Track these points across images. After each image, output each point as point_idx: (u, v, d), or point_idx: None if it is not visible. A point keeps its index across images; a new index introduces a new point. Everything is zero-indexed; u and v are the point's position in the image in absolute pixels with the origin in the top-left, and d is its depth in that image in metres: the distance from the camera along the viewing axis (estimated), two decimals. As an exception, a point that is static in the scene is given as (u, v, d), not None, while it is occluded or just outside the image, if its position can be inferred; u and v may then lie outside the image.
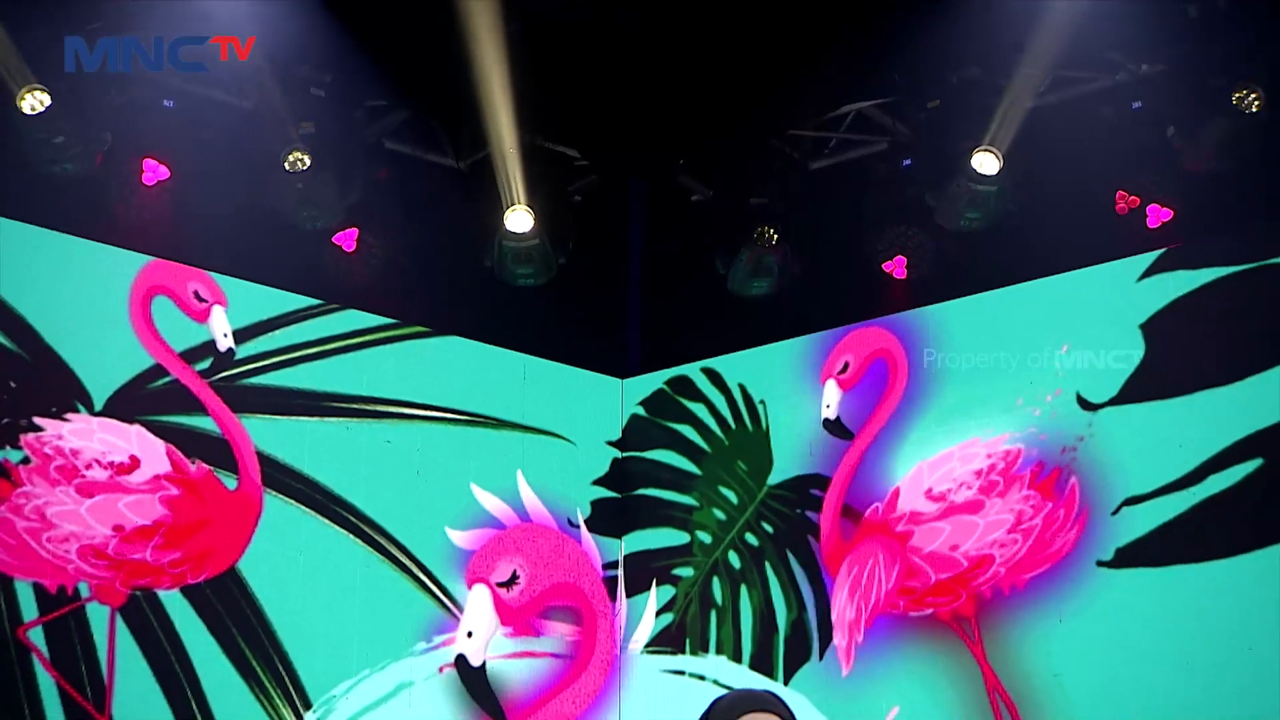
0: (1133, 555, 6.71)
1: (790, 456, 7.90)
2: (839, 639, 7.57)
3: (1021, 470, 7.17)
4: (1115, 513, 6.82)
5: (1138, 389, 6.89)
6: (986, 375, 7.47)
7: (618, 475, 8.27)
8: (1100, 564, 6.84)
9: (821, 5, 7.23)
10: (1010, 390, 7.39)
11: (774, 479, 7.87)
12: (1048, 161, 7.24)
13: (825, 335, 8.00)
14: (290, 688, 7.22)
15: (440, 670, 7.64)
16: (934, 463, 7.42)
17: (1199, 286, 6.85)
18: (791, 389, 8.01)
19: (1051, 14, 6.81)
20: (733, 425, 8.08)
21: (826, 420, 7.74)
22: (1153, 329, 6.90)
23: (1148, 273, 6.97)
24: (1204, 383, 6.71)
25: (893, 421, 7.66)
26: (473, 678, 7.59)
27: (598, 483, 8.19)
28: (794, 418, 8.00)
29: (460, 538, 7.72)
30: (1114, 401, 6.93)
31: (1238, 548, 6.49)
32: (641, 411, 8.37)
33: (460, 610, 7.71)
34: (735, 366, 8.15)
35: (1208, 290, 6.82)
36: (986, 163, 7.09)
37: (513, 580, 7.71)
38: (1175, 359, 6.85)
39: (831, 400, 7.75)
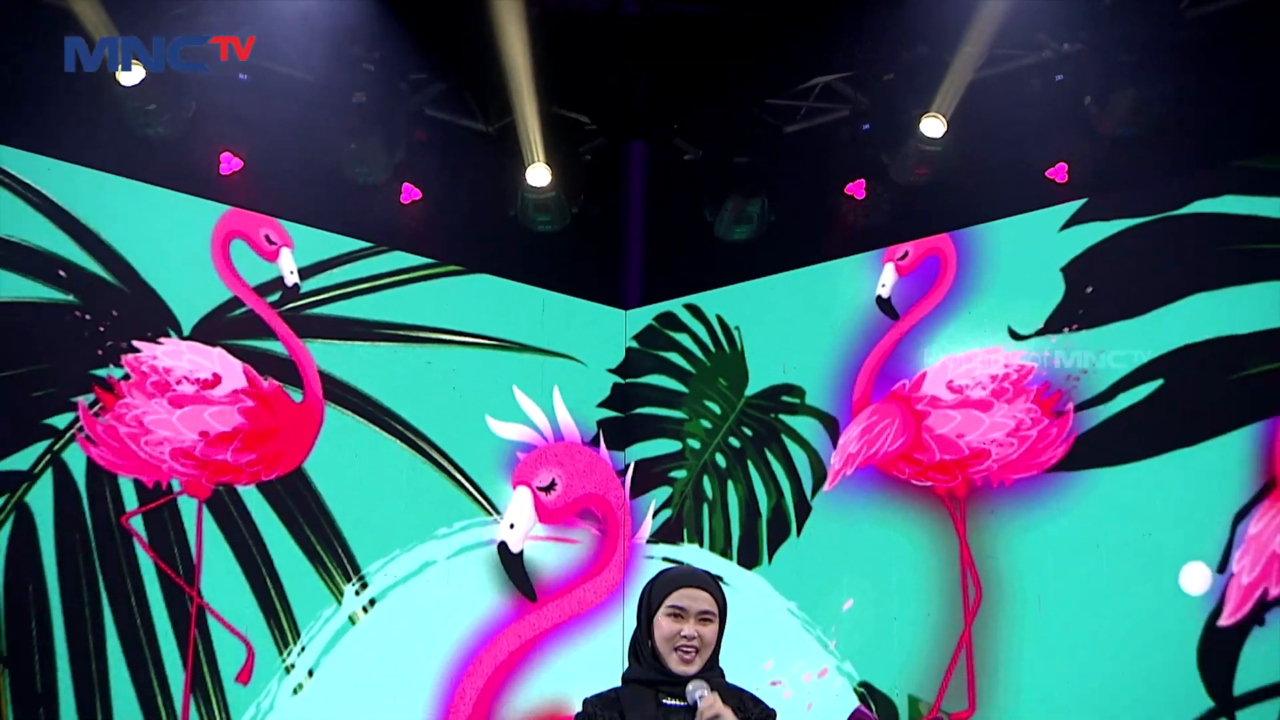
0: (1058, 462, 6.98)
1: (763, 371, 8.07)
2: (835, 462, 7.73)
3: (1030, 385, 7.22)
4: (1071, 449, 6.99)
5: (1058, 321, 7.10)
6: (1016, 291, 7.41)
7: (619, 397, 8.43)
8: (1047, 470, 7.07)
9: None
10: (1026, 309, 7.31)
11: (750, 390, 8.08)
12: (985, 126, 7.37)
13: (792, 274, 8.07)
14: (344, 562, 7.45)
15: (490, 543, 7.88)
16: (959, 359, 7.52)
17: (1111, 235, 7.02)
18: (764, 315, 8.19)
19: (988, 1, 6.92)
20: (713, 349, 8.27)
21: (879, 298, 7.78)
22: (1071, 271, 7.10)
23: (1068, 224, 7.15)
24: (1114, 316, 6.93)
25: (934, 313, 7.70)
26: (511, 562, 7.85)
27: (602, 405, 8.38)
28: (766, 339, 8.14)
29: (498, 427, 7.96)
30: (1039, 333, 7.13)
31: (1141, 455, 6.75)
32: (635, 344, 8.51)
33: (485, 499, 7.91)
34: (714, 301, 8.31)
35: (1118, 239, 7.00)
36: (933, 127, 7.24)
37: (551, 487, 7.97)
38: (1090, 296, 7.04)
39: (888, 281, 7.78)
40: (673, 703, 3.74)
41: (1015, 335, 7.13)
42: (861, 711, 5.15)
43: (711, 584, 3.86)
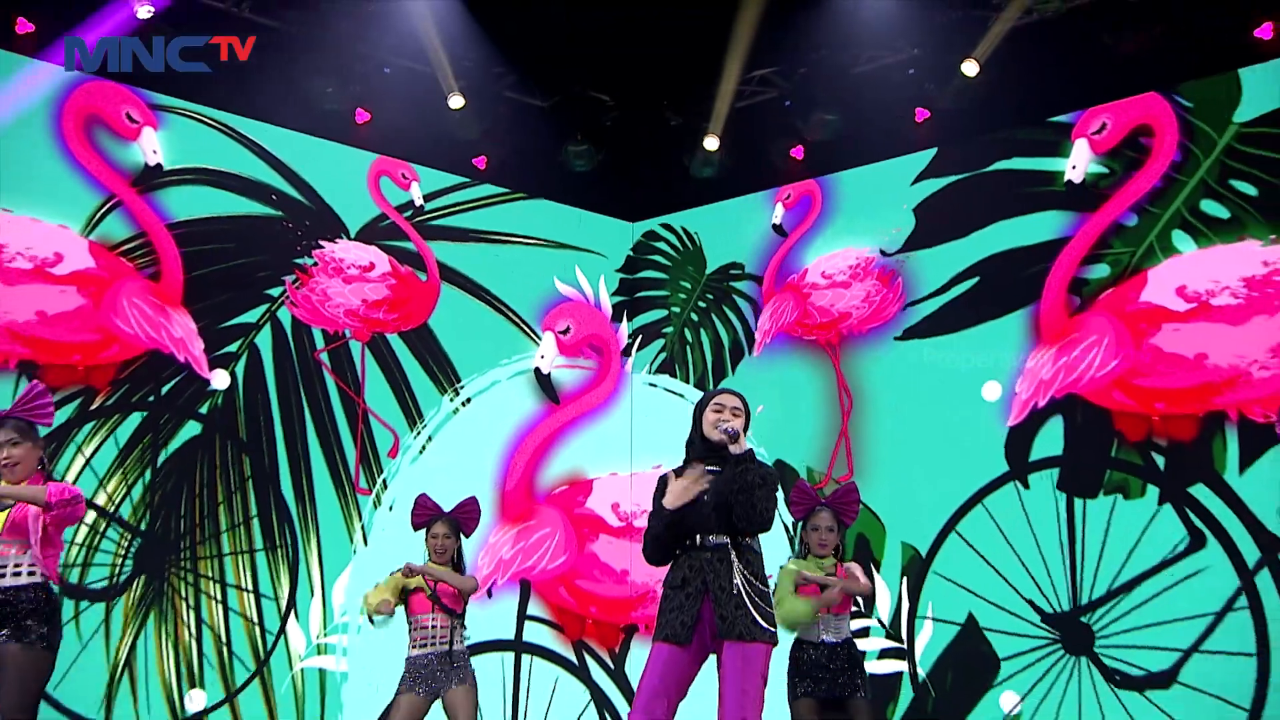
0: (914, 332, 8.06)
1: (716, 258, 9.13)
2: (757, 335, 8.66)
3: (873, 268, 8.23)
4: (904, 309, 8.07)
5: (912, 244, 8.13)
6: (860, 214, 8.37)
7: (625, 288, 9.39)
8: (895, 339, 8.13)
9: (741, 12, 7.58)
10: (868, 226, 8.30)
11: (708, 270, 9.17)
12: (864, 104, 8.28)
13: (737, 200, 9.03)
14: (451, 378, 8.50)
15: (534, 369, 8.76)
16: (827, 258, 8.46)
17: (944, 185, 8.02)
18: (717, 225, 9.16)
19: (865, 17, 7.83)
20: (680, 249, 9.32)
21: (775, 225, 8.63)
22: (919, 210, 8.13)
23: (917, 179, 8.15)
24: (948, 239, 7.98)
25: (809, 231, 8.60)
26: (543, 380, 8.86)
27: (615, 294, 9.33)
28: (718, 239, 9.12)
29: (562, 287, 9.02)
30: (899, 251, 8.17)
31: (968, 325, 7.87)
32: (631, 254, 9.44)
33: (538, 340, 8.96)
34: (680, 218, 9.31)
35: (950, 187, 7.99)
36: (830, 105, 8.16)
37: (567, 330, 8.97)
38: (933, 227, 8.03)
39: (778, 214, 8.69)
40: (711, 468, 4.03)
41: (883, 253, 8.14)
42: (801, 483, 5.58)
43: (739, 393, 4.17)
